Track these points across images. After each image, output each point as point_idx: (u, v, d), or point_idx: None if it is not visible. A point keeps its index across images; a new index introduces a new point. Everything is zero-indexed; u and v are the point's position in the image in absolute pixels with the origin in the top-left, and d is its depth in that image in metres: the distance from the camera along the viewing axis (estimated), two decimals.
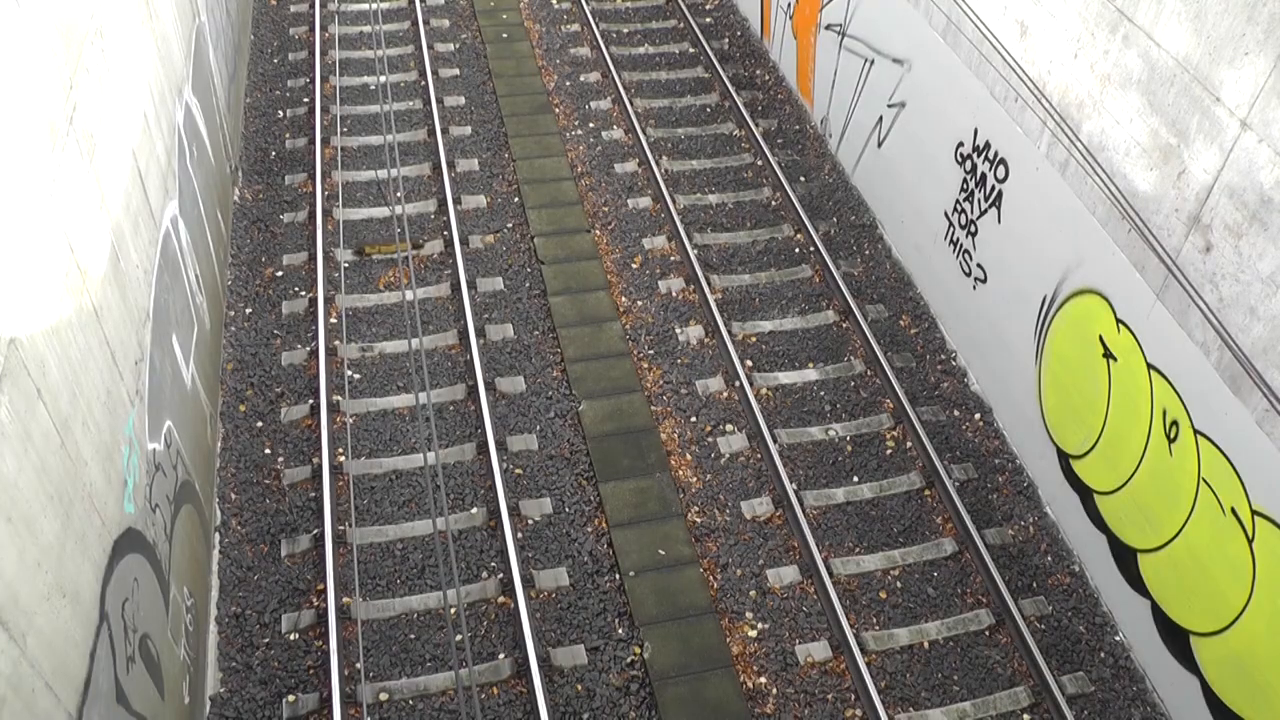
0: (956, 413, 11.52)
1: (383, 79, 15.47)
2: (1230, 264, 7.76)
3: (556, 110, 15.50)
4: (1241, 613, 7.93)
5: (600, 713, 8.95)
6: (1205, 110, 7.85)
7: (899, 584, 10.00)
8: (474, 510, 10.29)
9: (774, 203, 14.13)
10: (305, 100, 15.23)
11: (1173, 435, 8.47)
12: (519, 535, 10.14)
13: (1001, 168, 10.66)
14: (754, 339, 12.24)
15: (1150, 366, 8.68)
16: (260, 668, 9.05)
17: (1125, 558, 9.36)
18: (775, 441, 11.02)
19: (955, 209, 11.68)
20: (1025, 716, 9.10)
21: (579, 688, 9.09)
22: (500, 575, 9.79)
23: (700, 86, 16.14)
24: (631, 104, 15.46)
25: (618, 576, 9.89)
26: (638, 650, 9.38)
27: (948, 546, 10.27)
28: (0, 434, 5.06)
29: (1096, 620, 9.73)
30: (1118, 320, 9.08)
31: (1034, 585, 10.02)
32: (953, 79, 11.39)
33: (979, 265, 11.31)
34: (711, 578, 9.95)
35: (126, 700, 6.56)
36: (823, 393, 11.66)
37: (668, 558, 10.03)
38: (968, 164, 11.30)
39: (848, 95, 14.11)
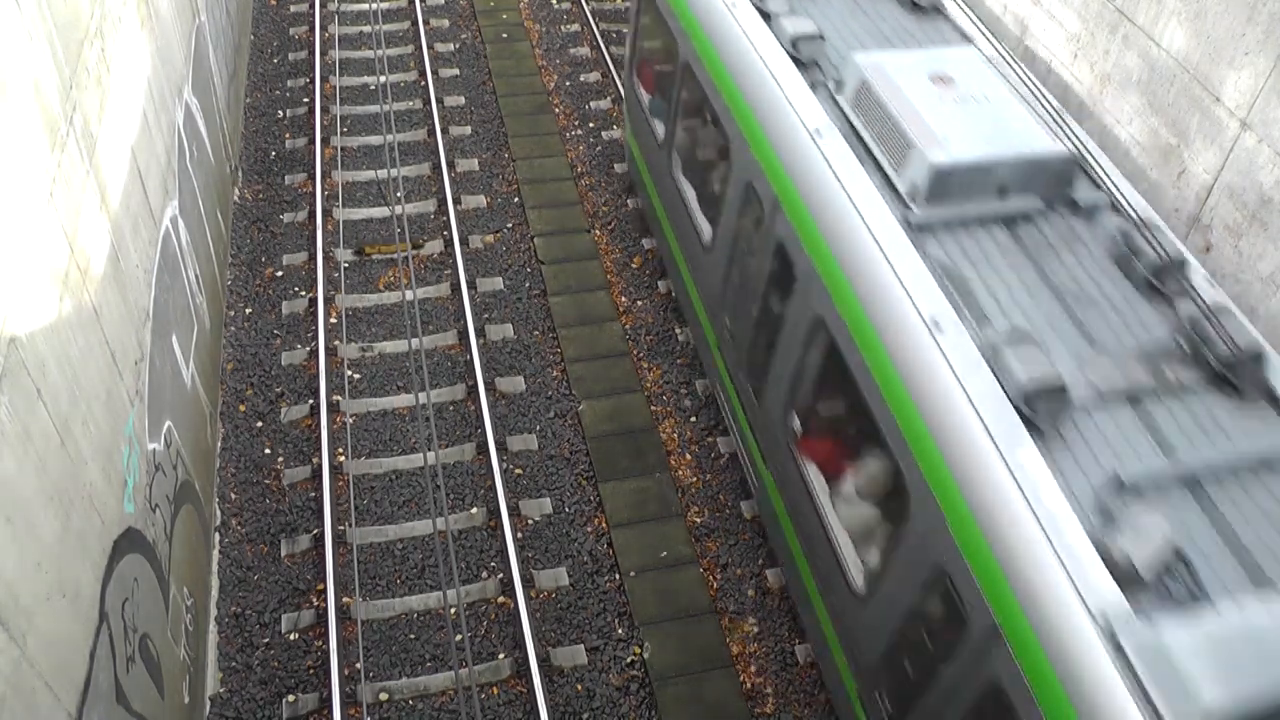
0: None
1: (383, 79, 15.47)
2: (1230, 264, 7.76)
3: (556, 110, 15.50)
4: None
5: (600, 713, 8.95)
6: (1205, 110, 7.85)
7: None
8: (474, 510, 10.29)
9: None
10: (305, 100, 15.23)
11: None
12: (519, 535, 10.14)
13: None
14: None
15: None
16: (260, 668, 9.05)
17: None
18: None
19: None
20: None
21: (579, 688, 9.09)
22: (500, 575, 9.79)
23: None
24: None
25: (618, 576, 9.89)
26: (637, 650, 9.38)
27: None
28: (0, 434, 5.06)
29: None
30: None
31: None
32: None
33: None
34: (711, 578, 9.95)
35: (126, 700, 6.56)
36: None
37: (668, 558, 10.03)
38: None
39: None
